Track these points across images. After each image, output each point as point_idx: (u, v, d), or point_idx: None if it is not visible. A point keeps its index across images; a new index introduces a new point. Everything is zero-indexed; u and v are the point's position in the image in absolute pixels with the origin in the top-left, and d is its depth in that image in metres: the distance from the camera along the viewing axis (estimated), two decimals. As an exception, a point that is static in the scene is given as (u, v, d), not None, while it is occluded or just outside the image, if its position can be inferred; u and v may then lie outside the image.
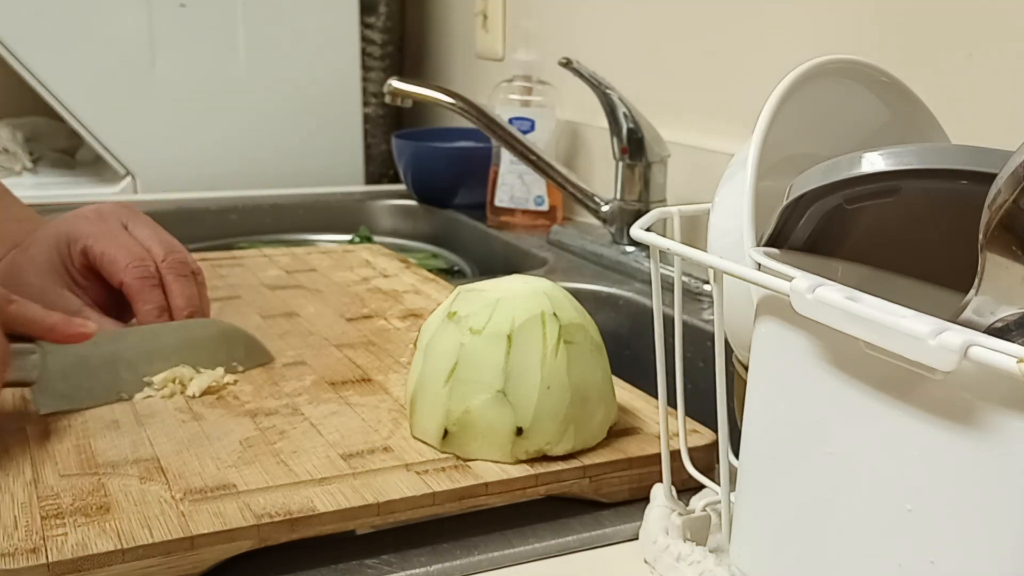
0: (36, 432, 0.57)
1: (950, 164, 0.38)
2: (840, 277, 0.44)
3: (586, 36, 1.23)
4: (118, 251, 0.70)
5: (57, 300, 0.69)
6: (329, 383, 0.66)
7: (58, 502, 0.49)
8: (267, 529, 0.48)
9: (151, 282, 0.69)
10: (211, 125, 1.44)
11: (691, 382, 0.81)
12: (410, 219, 1.36)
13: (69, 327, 0.62)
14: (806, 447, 0.39)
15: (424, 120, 1.63)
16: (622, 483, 0.55)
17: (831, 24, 0.87)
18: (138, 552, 0.45)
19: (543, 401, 0.54)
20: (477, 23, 1.48)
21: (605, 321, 0.95)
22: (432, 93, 1.05)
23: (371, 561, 0.49)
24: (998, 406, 0.32)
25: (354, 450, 0.55)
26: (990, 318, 0.35)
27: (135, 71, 1.38)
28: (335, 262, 0.98)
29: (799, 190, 0.41)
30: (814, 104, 0.48)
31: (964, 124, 0.69)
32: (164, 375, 0.64)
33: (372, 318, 0.80)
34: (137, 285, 0.69)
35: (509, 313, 0.55)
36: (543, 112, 1.19)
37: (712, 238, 0.49)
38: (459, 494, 0.52)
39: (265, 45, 1.45)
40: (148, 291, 0.69)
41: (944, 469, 0.34)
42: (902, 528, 0.35)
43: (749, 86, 0.97)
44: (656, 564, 0.50)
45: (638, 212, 1.02)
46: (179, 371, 0.64)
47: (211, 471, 0.53)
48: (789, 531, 0.41)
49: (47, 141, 1.56)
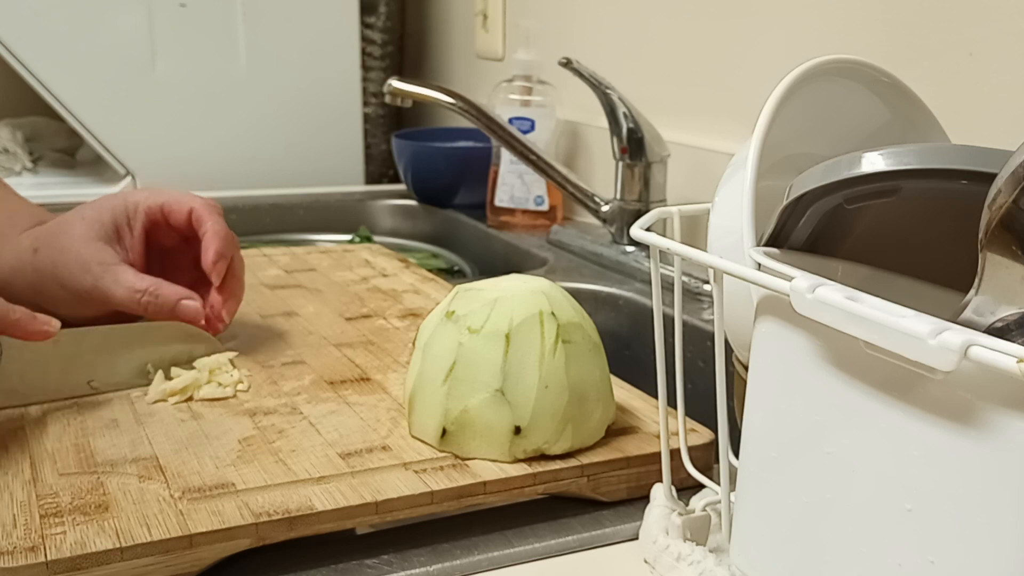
0: (35, 431, 0.57)
1: (950, 164, 0.38)
2: (840, 277, 0.44)
3: (586, 36, 1.23)
4: (184, 197, 0.73)
5: (94, 251, 0.69)
6: (328, 382, 0.66)
7: (57, 501, 0.49)
8: (266, 528, 0.48)
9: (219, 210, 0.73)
10: (211, 125, 1.44)
11: (691, 382, 0.81)
12: (410, 219, 1.36)
13: (32, 324, 0.60)
14: (806, 447, 0.39)
15: (424, 120, 1.63)
16: (620, 482, 0.55)
17: (831, 24, 0.87)
18: (137, 551, 0.45)
19: (541, 400, 0.54)
20: (477, 23, 1.48)
21: (605, 321, 0.95)
22: (432, 93, 1.05)
23: (371, 561, 0.49)
24: (998, 406, 0.32)
25: (353, 449, 0.55)
26: (990, 318, 0.35)
27: (135, 71, 1.38)
28: (334, 262, 0.98)
29: (799, 190, 0.41)
30: (814, 104, 0.48)
31: (964, 124, 0.69)
32: (176, 382, 0.63)
33: (371, 317, 0.80)
34: (208, 210, 0.72)
35: (507, 312, 0.55)
36: (543, 112, 1.19)
37: (712, 238, 0.49)
38: (457, 493, 0.52)
39: (265, 45, 1.45)
40: (217, 215, 0.72)
41: (944, 469, 0.34)
42: (902, 528, 0.35)
43: (749, 86, 0.97)
44: (656, 564, 0.49)
45: (638, 212, 1.02)
46: (193, 375, 0.64)
47: (210, 470, 0.52)
48: (789, 531, 0.41)
49: (47, 141, 1.56)
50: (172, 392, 0.62)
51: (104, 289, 0.68)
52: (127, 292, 0.68)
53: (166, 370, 0.65)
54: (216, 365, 0.66)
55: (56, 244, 0.70)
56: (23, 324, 0.60)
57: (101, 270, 0.68)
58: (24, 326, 0.60)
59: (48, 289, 0.69)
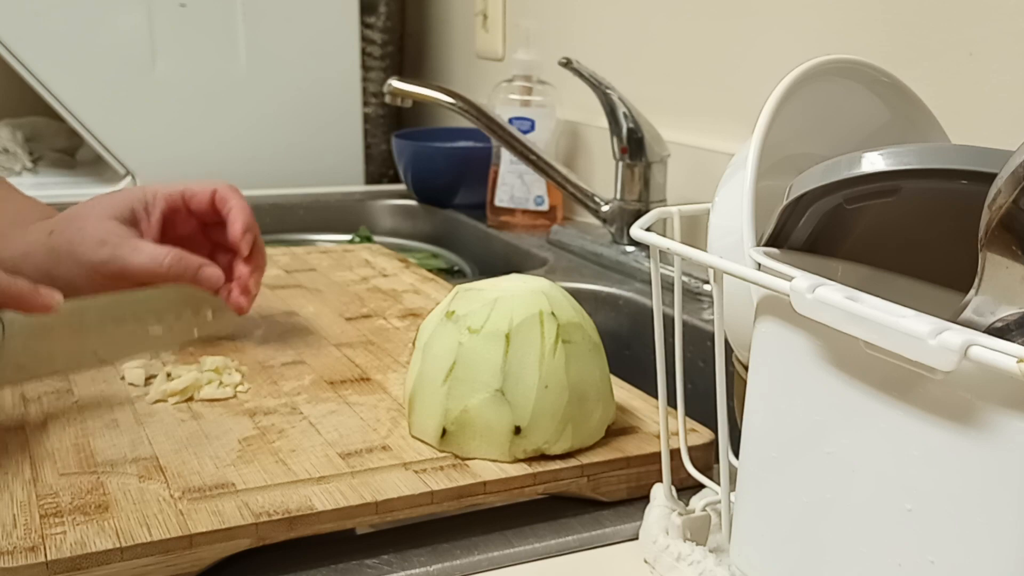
0: (35, 431, 0.57)
1: (950, 164, 0.38)
2: (840, 277, 0.44)
3: (586, 36, 1.23)
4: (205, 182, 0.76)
5: (112, 227, 0.70)
6: (328, 382, 0.66)
7: (57, 501, 0.49)
8: (265, 528, 0.48)
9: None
10: (211, 125, 1.44)
11: (691, 382, 0.81)
12: (410, 219, 1.36)
13: (36, 297, 0.59)
14: (806, 447, 0.39)
15: (424, 120, 1.63)
16: (620, 482, 0.55)
17: (831, 24, 0.87)
18: (137, 551, 0.45)
19: (541, 400, 0.54)
20: (477, 23, 1.48)
21: (605, 321, 0.95)
22: (432, 93, 1.05)
23: (371, 561, 0.49)
24: (998, 406, 0.32)
25: (352, 449, 0.55)
26: (990, 318, 0.35)
27: (135, 71, 1.38)
28: (334, 262, 0.98)
29: (799, 190, 0.41)
30: (814, 104, 0.48)
31: (964, 124, 0.69)
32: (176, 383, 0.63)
33: (371, 317, 0.80)
34: (231, 191, 0.74)
35: (507, 312, 0.55)
36: (543, 112, 1.19)
37: (712, 238, 0.49)
38: (457, 493, 0.52)
39: (265, 45, 1.45)
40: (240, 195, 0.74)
41: (944, 469, 0.34)
42: (902, 528, 0.35)
43: (749, 86, 0.97)
44: (656, 564, 0.49)
45: (638, 212, 1.02)
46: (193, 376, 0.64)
47: (210, 470, 0.52)
48: (789, 531, 0.41)
49: (47, 141, 1.56)
50: (173, 392, 0.62)
51: (122, 258, 0.68)
52: (149, 258, 0.68)
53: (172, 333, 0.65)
54: (222, 365, 0.66)
55: (73, 224, 0.71)
56: (26, 297, 0.59)
57: (119, 240, 0.69)
58: (27, 298, 0.59)
59: (61, 268, 0.69)
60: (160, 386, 0.63)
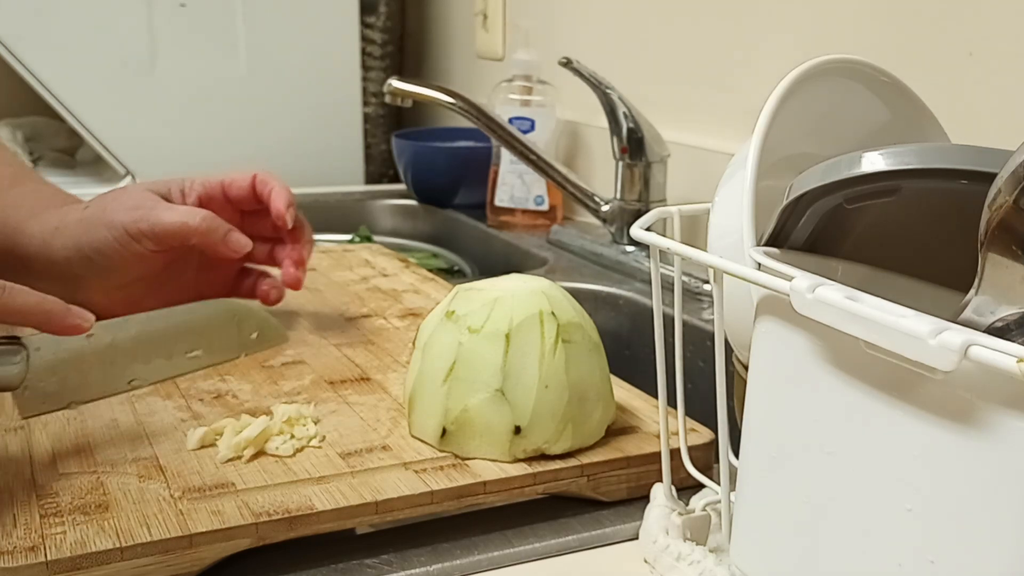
0: (36, 431, 0.57)
1: (950, 164, 0.38)
2: (840, 277, 0.44)
3: (586, 36, 1.23)
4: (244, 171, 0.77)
5: (147, 195, 0.71)
6: (328, 382, 0.66)
7: (57, 500, 0.49)
8: (265, 528, 0.48)
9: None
10: (211, 125, 1.44)
11: (691, 382, 0.81)
12: (410, 219, 1.36)
13: (66, 317, 0.55)
14: (806, 447, 0.39)
15: (424, 120, 1.63)
16: (620, 482, 0.55)
17: (831, 24, 0.87)
18: (137, 550, 0.45)
19: (541, 400, 0.54)
20: (477, 23, 1.48)
21: (605, 321, 0.95)
22: (432, 93, 1.05)
23: (371, 561, 0.49)
24: (998, 406, 0.32)
25: (352, 449, 0.55)
26: (990, 318, 0.35)
27: (135, 71, 1.38)
28: (334, 261, 0.98)
29: (799, 190, 0.41)
30: (814, 104, 0.48)
31: (964, 124, 0.69)
32: (248, 431, 0.55)
33: (371, 317, 0.80)
34: (271, 175, 0.76)
35: (507, 312, 0.55)
36: (543, 112, 1.19)
37: (712, 238, 0.49)
38: (457, 493, 0.52)
39: (265, 45, 1.45)
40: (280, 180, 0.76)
41: (944, 469, 0.34)
42: (902, 528, 0.35)
43: (749, 86, 0.97)
44: (656, 564, 0.49)
45: (638, 212, 1.02)
46: (263, 421, 0.56)
47: (210, 470, 0.52)
48: (789, 531, 0.41)
49: (47, 141, 1.56)
50: (248, 443, 0.54)
51: (155, 218, 0.69)
52: (182, 215, 0.69)
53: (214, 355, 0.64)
54: (295, 415, 0.58)
55: (108, 196, 0.72)
56: (56, 316, 0.55)
57: (152, 203, 0.70)
58: (57, 318, 0.55)
59: (92, 235, 0.69)
60: (230, 439, 0.54)
